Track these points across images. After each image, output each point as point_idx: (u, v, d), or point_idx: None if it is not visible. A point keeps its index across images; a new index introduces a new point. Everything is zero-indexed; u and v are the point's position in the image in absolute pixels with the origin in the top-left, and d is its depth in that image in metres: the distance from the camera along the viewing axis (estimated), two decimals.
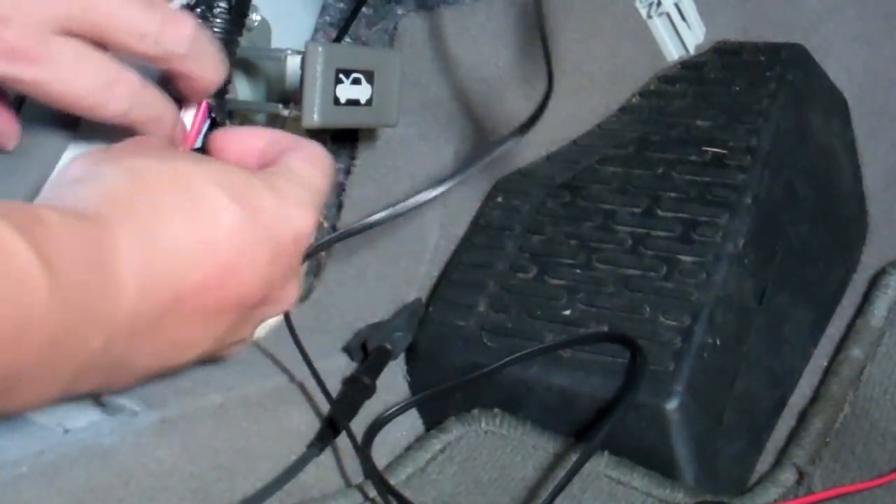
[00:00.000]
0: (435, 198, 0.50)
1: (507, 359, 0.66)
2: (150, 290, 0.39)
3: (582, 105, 0.84)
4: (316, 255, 0.70)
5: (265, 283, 0.44)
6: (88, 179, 0.41)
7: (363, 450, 0.62)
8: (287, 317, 0.60)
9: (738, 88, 0.81)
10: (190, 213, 0.41)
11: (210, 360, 0.50)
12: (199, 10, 0.54)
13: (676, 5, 0.89)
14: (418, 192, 0.50)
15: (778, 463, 0.66)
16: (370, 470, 0.60)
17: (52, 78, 0.43)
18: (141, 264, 0.39)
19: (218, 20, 0.54)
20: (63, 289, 0.35)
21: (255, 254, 0.43)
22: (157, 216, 0.40)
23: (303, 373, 0.63)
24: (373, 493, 0.60)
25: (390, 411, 0.66)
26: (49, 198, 0.41)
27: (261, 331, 0.69)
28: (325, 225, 0.72)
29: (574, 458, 0.61)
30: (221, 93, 0.56)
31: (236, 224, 0.42)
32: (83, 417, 0.58)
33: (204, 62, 0.49)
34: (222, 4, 0.54)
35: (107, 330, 0.38)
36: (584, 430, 0.64)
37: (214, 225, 0.41)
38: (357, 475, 0.63)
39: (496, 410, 0.67)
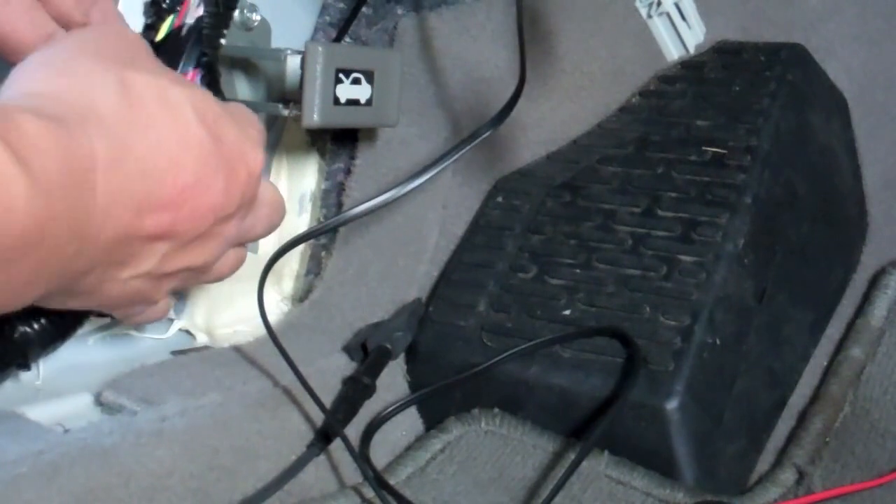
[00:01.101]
0: (417, 187, 0.55)
1: (499, 356, 0.66)
2: (119, 203, 0.40)
3: (582, 105, 0.84)
4: (316, 255, 0.71)
5: (217, 211, 0.45)
6: (73, 82, 0.42)
7: (361, 451, 0.62)
8: (269, 327, 0.60)
9: (738, 88, 0.81)
10: (165, 133, 0.42)
11: (127, 306, 0.49)
12: (166, 2, 0.54)
13: (676, 5, 0.89)
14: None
15: (778, 463, 0.66)
16: (369, 471, 0.60)
17: None
18: (115, 177, 0.40)
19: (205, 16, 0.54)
20: (40, 191, 0.35)
21: (212, 180, 0.44)
22: (134, 132, 0.41)
23: (303, 372, 0.63)
24: (372, 493, 0.60)
25: (388, 410, 0.66)
26: (24, 92, 0.42)
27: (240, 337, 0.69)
28: None
29: (574, 457, 0.61)
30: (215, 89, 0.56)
31: (202, 149, 0.44)
32: (83, 417, 0.58)
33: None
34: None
35: (80, 236, 0.38)
36: (584, 429, 0.64)
37: (184, 147, 0.43)
38: (358, 475, 0.63)
39: (496, 410, 0.67)
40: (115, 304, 0.47)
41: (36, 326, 0.52)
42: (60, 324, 0.53)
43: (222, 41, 0.58)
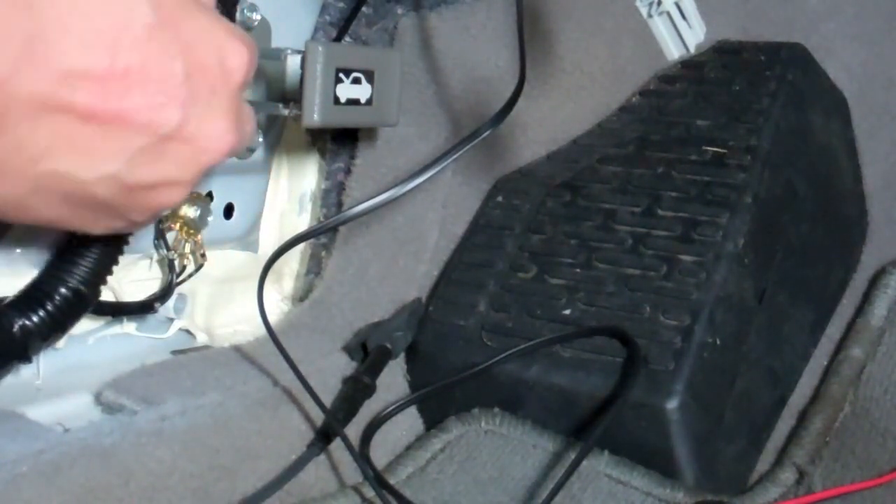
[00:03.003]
0: (417, 187, 0.55)
1: (499, 356, 0.66)
2: (42, 55, 0.37)
3: (582, 104, 0.84)
4: (316, 254, 0.71)
5: (179, 104, 0.42)
6: None
7: (361, 450, 0.62)
8: (268, 327, 0.60)
9: (738, 88, 0.81)
10: (101, 11, 0.39)
11: (119, 218, 0.45)
12: None
13: (677, 4, 0.89)
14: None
15: (778, 462, 0.66)
16: (369, 470, 0.60)
17: None
18: (35, 24, 0.37)
19: None
20: None
21: (166, 66, 0.41)
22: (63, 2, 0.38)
23: (303, 372, 0.63)
24: (372, 492, 0.60)
25: (388, 410, 0.66)
26: None
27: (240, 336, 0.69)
28: None
29: (574, 456, 0.61)
30: None
31: (148, 32, 0.40)
32: (83, 417, 0.58)
33: None
34: None
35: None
36: (585, 429, 0.64)
37: (124, 28, 0.40)
38: (358, 474, 0.63)
39: (496, 410, 0.67)
40: (79, 208, 0.43)
41: (35, 319, 0.52)
42: (59, 316, 0.53)
43: None
